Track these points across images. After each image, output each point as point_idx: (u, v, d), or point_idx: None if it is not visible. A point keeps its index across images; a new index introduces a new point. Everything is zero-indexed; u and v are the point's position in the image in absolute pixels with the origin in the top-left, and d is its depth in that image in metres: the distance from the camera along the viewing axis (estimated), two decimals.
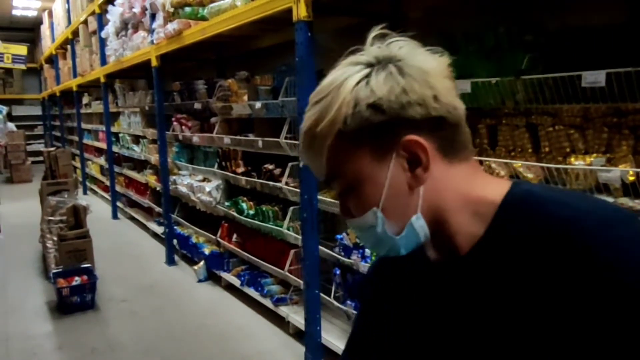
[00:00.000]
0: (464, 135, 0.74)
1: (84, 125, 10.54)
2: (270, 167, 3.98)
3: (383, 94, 0.68)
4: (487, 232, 0.71)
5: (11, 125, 13.51)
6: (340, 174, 0.73)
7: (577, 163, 1.92)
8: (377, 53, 0.71)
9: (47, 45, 12.83)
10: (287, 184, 3.62)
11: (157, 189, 6.29)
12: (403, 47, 0.71)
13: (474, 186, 0.73)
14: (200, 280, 4.88)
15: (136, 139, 7.42)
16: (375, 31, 0.72)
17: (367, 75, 0.69)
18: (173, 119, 5.56)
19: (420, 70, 0.68)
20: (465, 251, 0.73)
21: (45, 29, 13.07)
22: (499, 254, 0.69)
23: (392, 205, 0.72)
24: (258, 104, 3.78)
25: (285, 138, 3.50)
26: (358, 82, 0.69)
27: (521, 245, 0.66)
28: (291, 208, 3.70)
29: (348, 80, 0.69)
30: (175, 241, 5.65)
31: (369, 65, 0.70)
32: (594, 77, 1.74)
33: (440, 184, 0.72)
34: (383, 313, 0.89)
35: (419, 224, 0.72)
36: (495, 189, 0.73)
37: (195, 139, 5.05)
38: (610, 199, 1.78)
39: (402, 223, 0.72)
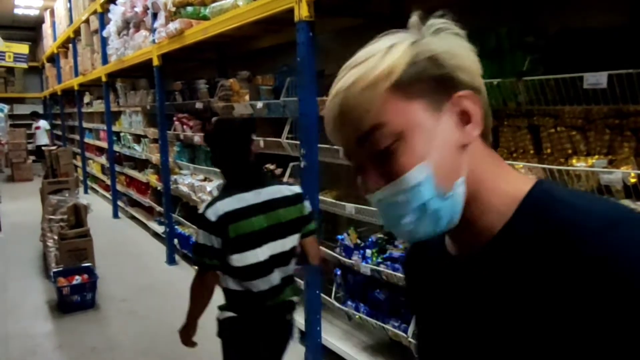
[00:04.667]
0: (490, 121, 0.75)
1: (85, 124, 10.55)
2: (272, 167, 3.98)
3: (443, 49, 0.69)
4: (504, 228, 0.70)
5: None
6: (388, 123, 0.67)
7: (579, 165, 1.92)
8: (422, 28, 0.72)
9: (49, 44, 12.84)
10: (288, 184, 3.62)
11: (158, 188, 6.29)
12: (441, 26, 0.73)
13: (502, 175, 0.73)
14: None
15: (137, 138, 7.43)
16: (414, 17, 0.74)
17: (422, 38, 0.71)
18: (174, 118, 5.56)
19: (464, 43, 0.72)
20: (481, 242, 0.72)
21: (46, 28, 13.09)
22: (509, 253, 0.68)
23: (440, 163, 0.68)
24: (259, 104, 3.78)
25: (287, 138, 3.50)
26: (414, 42, 0.70)
27: (529, 246, 0.66)
28: None
29: (402, 42, 0.70)
30: (176, 240, 5.65)
31: (414, 35, 0.72)
32: (596, 79, 1.74)
33: (478, 156, 0.71)
34: (416, 304, 0.91)
35: (461, 190, 0.69)
36: (519, 184, 0.72)
37: (197, 138, 5.05)
38: None
39: (446, 186, 0.68)
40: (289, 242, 2.09)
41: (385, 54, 0.69)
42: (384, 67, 0.68)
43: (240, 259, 1.98)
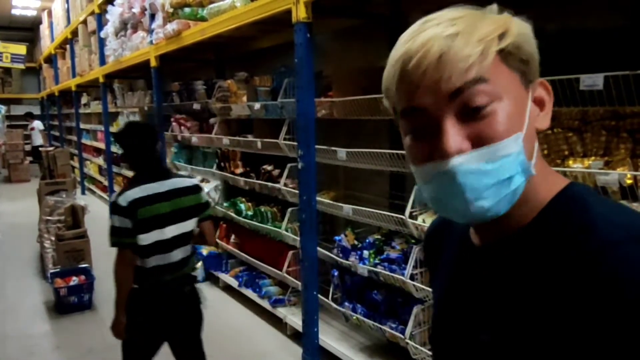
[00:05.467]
0: None
1: (82, 125, 10.54)
2: (269, 168, 3.98)
3: (529, 32, 0.69)
4: (531, 223, 0.69)
5: None
6: (492, 81, 0.63)
7: (575, 166, 1.93)
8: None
9: (46, 45, 12.82)
10: (285, 185, 3.62)
11: None
12: None
13: (544, 170, 0.72)
14: (198, 281, 4.86)
15: None
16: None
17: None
18: (172, 119, 5.55)
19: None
20: (506, 235, 0.71)
21: (44, 29, 13.07)
22: (530, 250, 0.68)
23: (526, 140, 0.65)
24: (257, 105, 3.78)
25: (284, 139, 3.50)
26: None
27: (549, 245, 0.66)
28: (290, 209, 3.70)
29: (504, 12, 0.69)
30: None
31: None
32: (592, 80, 1.75)
33: (536, 146, 0.69)
34: (433, 281, 0.91)
35: (532, 172, 0.67)
36: (553, 182, 0.71)
37: (194, 139, 5.05)
38: None
39: (528, 164, 0.66)
40: (189, 224, 2.44)
41: (500, 15, 0.68)
42: (500, 28, 0.65)
43: (146, 238, 2.30)
